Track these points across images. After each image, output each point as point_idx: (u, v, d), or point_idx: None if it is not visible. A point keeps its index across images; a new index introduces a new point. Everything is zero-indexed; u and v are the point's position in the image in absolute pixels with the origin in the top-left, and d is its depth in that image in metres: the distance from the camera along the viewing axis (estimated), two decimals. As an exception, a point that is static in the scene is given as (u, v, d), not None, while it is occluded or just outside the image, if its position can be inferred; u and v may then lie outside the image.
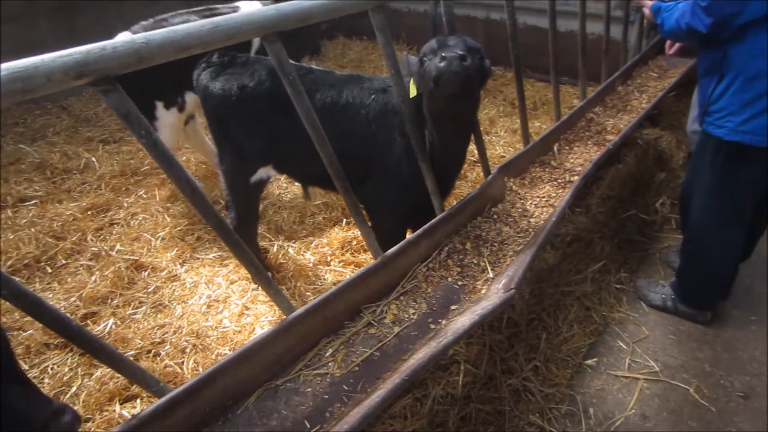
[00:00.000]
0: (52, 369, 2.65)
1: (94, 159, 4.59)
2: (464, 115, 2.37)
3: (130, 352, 2.72)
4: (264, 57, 2.70)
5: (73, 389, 2.54)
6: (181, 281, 3.28)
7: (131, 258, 3.41)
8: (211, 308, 3.06)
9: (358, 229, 2.23)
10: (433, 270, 2.31)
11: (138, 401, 2.51)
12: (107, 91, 1.38)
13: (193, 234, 3.70)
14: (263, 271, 1.85)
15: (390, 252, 2.16)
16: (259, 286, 2.56)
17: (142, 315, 3.00)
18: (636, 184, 3.71)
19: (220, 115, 2.77)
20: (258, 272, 1.82)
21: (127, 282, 3.25)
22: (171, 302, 3.10)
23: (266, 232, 3.71)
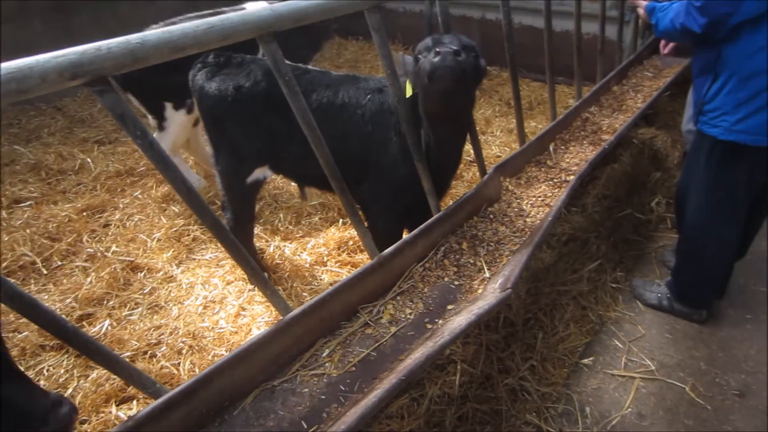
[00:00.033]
0: (47, 371, 2.64)
1: (89, 160, 4.57)
2: (459, 113, 2.37)
3: (126, 353, 2.71)
4: (260, 58, 2.70)
5: (69, 391, 2.53)
6: (177, 282, 3.27)
7: (127, 259, 3.40)
8: (207, 309, 3.05)
9: (355, 230, 2.23)
10: (429, 270, 2.31)
11: (134, 403, 2.50)
12: (102, 92, 1.38)
13: (189, 235, 3.69)
14: (260, 272, 1.85)
15: (386, 252, 2.16)
16: (256, 286, 2.56)
17: (138, 316, 2.99)
18: (631, 184, 3.72)
19: (215, 115, 2.76)
20: (254, 273, 1.82)
21: (123, 283, 3.23)
22: (167, 303, 3.09)
23: (262, 233, 3.71)
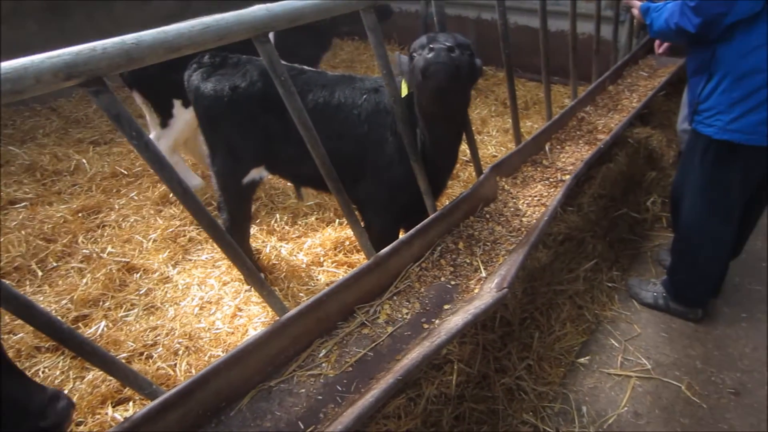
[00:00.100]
0: (43, 372, 2.63)
1: (84, 161, 4.56)
2: (454, 111, 2.36)
3: (122, 354, 2.70)
4: (255, 58, 2.69)
5: (65, 392, 2.52)
6: (173, 283, 3.26)
7: (123, 260, 3.39)
8: (203, 310, 3.05)
9: (351, 230, 2.23)
10: (426, 270, 2.31)
11: (130, 404, 2.49)
12: (98, 93, 1.37)
13: (185, 235, 3.69)
14: (256, 272, 1.85)
15: (383, 252, 2.16)
16: (252, 287, 2.55)
17: (134, 317, 2.99)
18: (627, 183, 3.73)
19: (211, 116, 2.76)
20: (251, 273, 1.82)
21: (119, 284, 3.23)
22: (163, 304, 3.08)
23: (259, 233, 3.70)
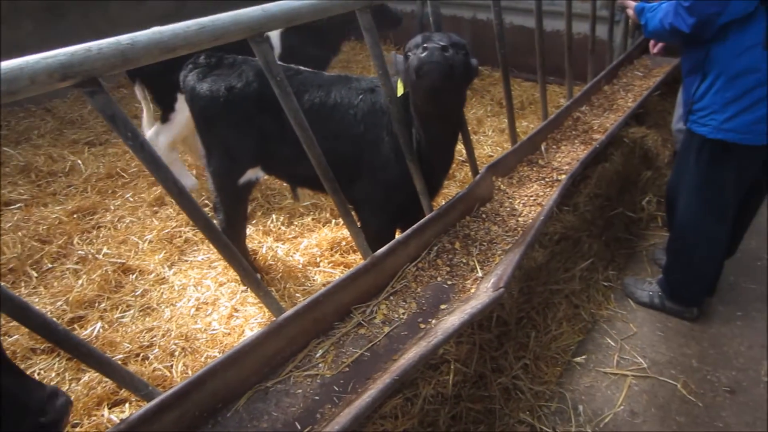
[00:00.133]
0: (38, 374, 2.62)
1: (79, 161, 4.54)
2: (449, 110, 2.37)
3: (118, 356, 2.70)
4: (251, 58, 2.69)
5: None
6: (169, 284, 3.26)
7: (118, 261, 3.38)
8: (199, 311, 3.04)
9: (347, 230, 2.23)
10: (422, 270, 2.31)
11: (127, 405, 2.49)
12: (93, 93, 1.37)
13: (181, 236, 3.68)
14: (252, 273, 1.85)
15: (379, 252, 2.16)
16: (248, 287, 2.55)
17: (130, 318, 2.98)
18: (623, 183, 3.74)
19: (207, 116, 2.76)
20: (247, 274, 1.82)
21: (115, 285, 3.22)
22: (159, 305, 3.08)
23: (255, 234, 3.70)
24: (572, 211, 3.31)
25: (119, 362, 1.98)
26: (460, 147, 2.79)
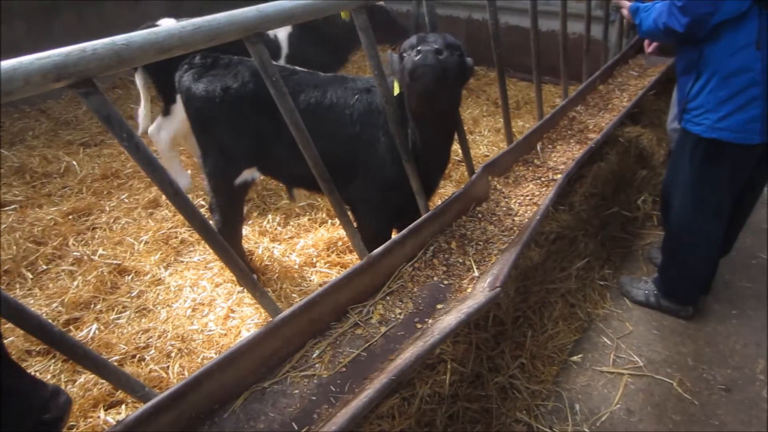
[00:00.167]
0: (34, 376, 2.61)
1: (74, 162, 4.53)
2: (443, 112, 2.37)
3: (114, 357, 2.69)
4: (247, 58, 2.68)
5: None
6: (165, 285, 3.25)
7: (114, 262, 3.37)
8: (196, 312, 3.03)
9: (344, 230, 2.23)
10: (418, 269, 2.31)
11: (123, 407, 2.48)
12: (87, 94, 1.36)
13: (177, 237, 3.67)
14: (248, 274, 1.84)
15: (376, 252, 2.16)
16: (245, 288, 2.54)
17: (126, 320, 2.97)
18: (618, 182, 3.75)
19: (203, 117, 2.75)
20: (243, 274, 1.81)
21: (110, 287, 3.20)
22: (155, 306, 3.07)
23: (251, 234, 3.69)
24: (568, 211, 3.32)
25: (115, 364, 1.97)
26: (456, 147, 2.80)
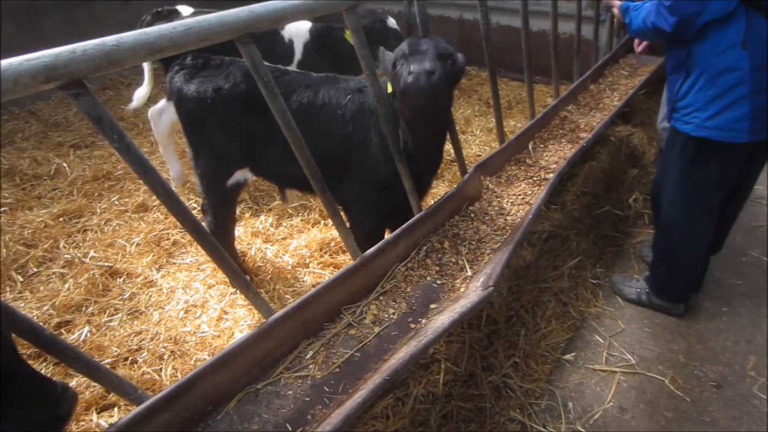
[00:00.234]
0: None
1: (65, 164, 4.49)
2: (435, 121, 2.39)
3: (106, 360, 2.67)
4: (239, 59, 2.68)
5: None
6: (157, 287, 3.23)
7: (106, 264, 3.35)
8: (188, 313, 3.02)
9: (337, 230, 2.22)
10: (412, 269, 2.32)
11: (115, 410, 2.46)
12: (78, 95, 1.35)
13: (169, 239, 3.65)
14: (241, 275, 1.84)
15: (368, 252, 2.16)
16: (238, 289, 2.54)
17: (118, 322, 2.95)
18: (609, 181, 3.77)
19: (195, 118, 2.74)
20: (236, 276, 1.81)
21: (102, 289, 3.18)
22: (147, 308, 3.05)
23: (243, 235, 3.68)
24: (560, 210, 3.34)
25: (107, 366, 1.96)
26: (448, 146, 2.80)
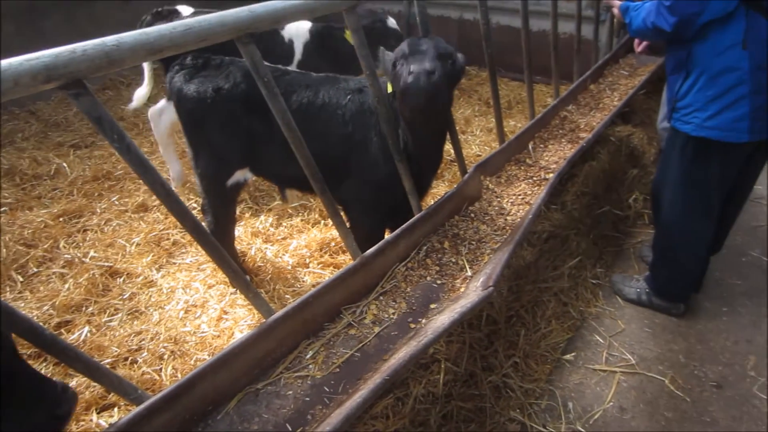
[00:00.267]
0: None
1: (65, 164, 4.49)
2: (435, 121, 2.39)
3: (106, 360, 2.67)
4: (239, 59, 2.68)
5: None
6: (157, 287, 3.23)
7: (106, 264, 3.35)
8: (188, 313, 3.02)
9: (337, 230, 2.22)
10: (412, 269, 2.32)
11: (115, 410, 2.46)
12: (78, 95, 1.35)
13: (169, 239, 3.65)
14: (241, 275, 1.84)
15: (369, 252, 2.16)
16: (238, 289, 2.54)
17: (118, 322, 2.95)
18: (609, 181, 3.77)
19: (195, 118, 2.74)
20: (236, 276, 1.81)
21: (102, 289, 3.18)
22: (147, 308, 3.05)
23: (243, 235, 3.68)
24: (560, 210, 3.34)
25: (107, 366, 1.96)
26: (448, 146, 2.80)
